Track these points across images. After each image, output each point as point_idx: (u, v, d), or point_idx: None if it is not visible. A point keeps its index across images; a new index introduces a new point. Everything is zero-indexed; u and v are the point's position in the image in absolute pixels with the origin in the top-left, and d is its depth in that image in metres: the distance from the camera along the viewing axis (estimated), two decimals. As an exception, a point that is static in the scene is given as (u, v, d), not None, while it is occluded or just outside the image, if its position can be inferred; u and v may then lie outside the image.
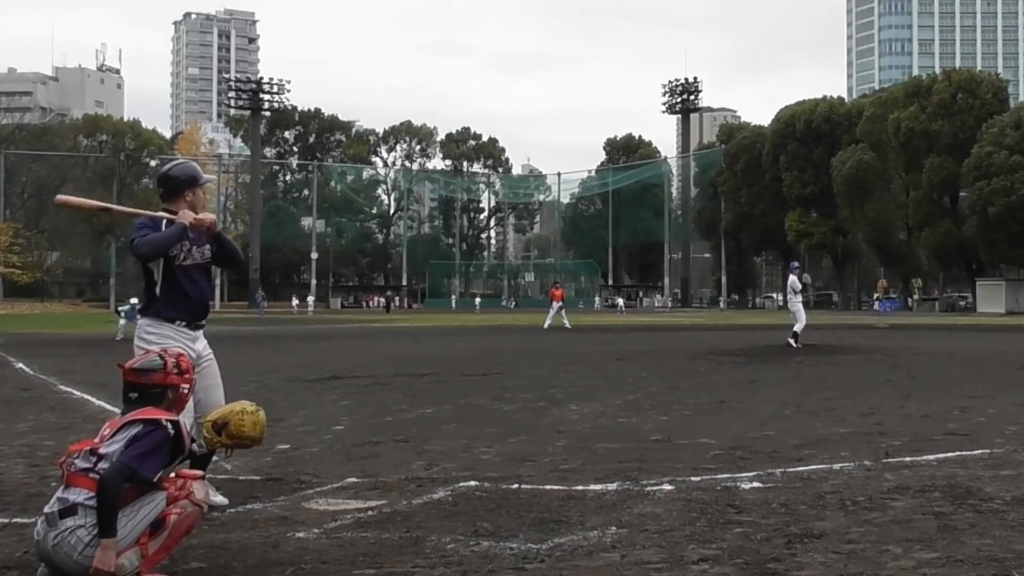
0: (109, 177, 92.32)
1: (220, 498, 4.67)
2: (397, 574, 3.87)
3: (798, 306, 20.28)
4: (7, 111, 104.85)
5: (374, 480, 5.78)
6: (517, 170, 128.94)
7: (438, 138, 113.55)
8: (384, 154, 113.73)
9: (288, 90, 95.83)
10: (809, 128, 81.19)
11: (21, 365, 16.40)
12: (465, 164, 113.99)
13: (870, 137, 74.10)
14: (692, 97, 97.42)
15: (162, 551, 3.71)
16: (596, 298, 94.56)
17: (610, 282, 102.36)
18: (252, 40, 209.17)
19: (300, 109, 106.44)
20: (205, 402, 4.90)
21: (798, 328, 19.60)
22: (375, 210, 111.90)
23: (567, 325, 32.74)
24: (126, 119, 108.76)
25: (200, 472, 4.13)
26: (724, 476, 5.81)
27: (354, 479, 5.83)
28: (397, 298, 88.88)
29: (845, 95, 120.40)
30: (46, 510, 3.70)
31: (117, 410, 4.51)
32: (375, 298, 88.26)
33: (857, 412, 8.93)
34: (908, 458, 6.38)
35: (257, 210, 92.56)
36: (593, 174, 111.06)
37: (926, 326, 36.30)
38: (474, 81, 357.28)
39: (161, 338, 4.87)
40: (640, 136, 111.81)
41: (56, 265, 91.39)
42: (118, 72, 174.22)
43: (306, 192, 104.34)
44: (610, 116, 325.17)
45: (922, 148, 70.41)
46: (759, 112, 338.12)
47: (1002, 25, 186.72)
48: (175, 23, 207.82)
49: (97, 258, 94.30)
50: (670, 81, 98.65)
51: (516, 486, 5.55)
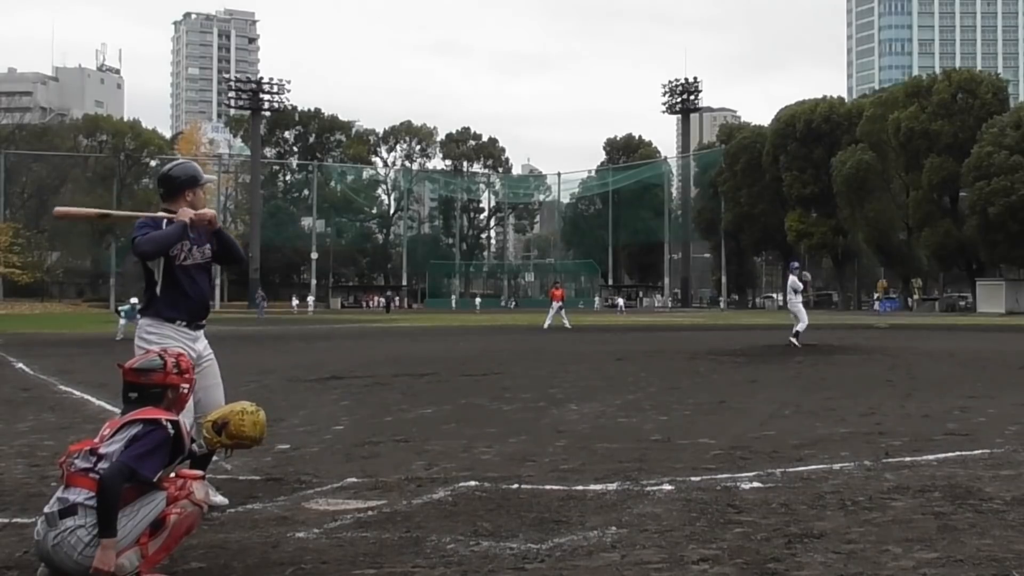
0: (109, 177, 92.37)
1: (220, 498, 4.67)
2: (397, 574, 3.87)
3: (799, 306, 20.27)
4: (7, 111, 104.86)
5: (374, 480, 5.78)
6: (517, 170, 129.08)
7: (438, 138, 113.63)
8: (384, 154, 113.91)
9: (288, 90, 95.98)
10: (809, 128, 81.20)
11: (21, 365, 16.40)
12: (465, 164, 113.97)
13: (870, 137, 74.10)
14: (692, 97, 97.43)
15: (162, 551, 3.71)
16: (596, 298, 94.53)
17: (610, 282, 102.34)
18: (252, 40, 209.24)
19: (300, 109, 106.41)
20: (205, 402, 4.90)
21: (801, 328, 19.61)
22: (375, 210, 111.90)
23: (567, 325, 32.74)
24: (126, 119, 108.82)
25: (200, 472, 4.13)
26: (724, 476, 5.80)
27: (354, 479, 5.83)
28: (397, 298, 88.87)
29: (845, 95, 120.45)
30: (46, 510, 3.70)
31: (117, 410, 4.51)
32: (375, 298, 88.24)
33: (857, 412, 8.93)
34: (908, 458, 6.38)
35: (257, 210, 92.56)
36: (593, 174, 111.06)
37: (926, 326, 36.29)
38: (474, 81, 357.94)
39: (162, 338, 4.87)
40: (640, 136, 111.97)
41: (56, 265, 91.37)
42: (118, 72, 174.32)
43: (306, 192, 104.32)
44: (610, 116, 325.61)
45: (922, 148, 70.42)
46: (759, 112, 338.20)
47: (1002, 25, 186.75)
48: (175, 23, 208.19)
49: (97, 258, 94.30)
50: (670, 81, 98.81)
51: (516, 486, 5.55)
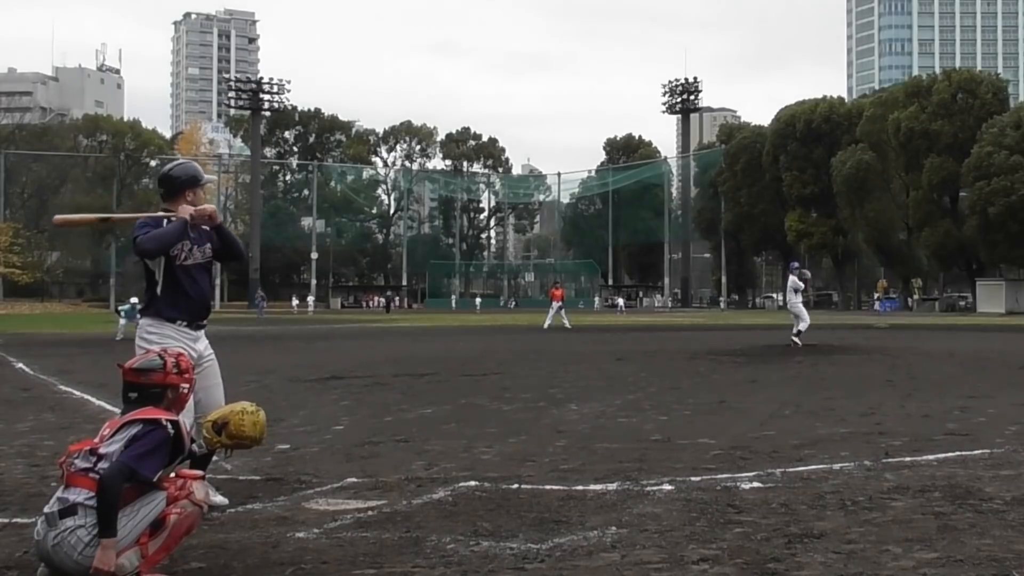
0: (109, 177, 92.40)
1: (220, 498, 4.67)
2: (397, 574, 3.86)
3: (799, 306, 20.25)
4: (7, 111, 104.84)
5: (374, 480, 5.77)
6: (517, 170, 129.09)
7: (438, 138, 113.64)
8: (384, 154, 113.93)
9: (288, 90, 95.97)
10: (809, 128, 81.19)
11: (21, 365, 16.40)
12: (465, 164, 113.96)
13: (870, 137, 74.11)
14: (692, 97, 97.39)
15: (162, 551, 3.71)
16: (596, 298, 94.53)
17: (610, 282, 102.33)
18: (252, 40, 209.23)
19: (300, 109, 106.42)
20: (205, 402, 4.90)
21: (802, 327, 19.60)
22: (375, 210, 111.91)
23: (567, 325, 32.74)
24: (126, 119, 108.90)
25: (200, 472, 4.13)
26: (724, 476, 5.80)
27: (354, 479, 5.82)
28: (397, 298, 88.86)
29: (845, 95, 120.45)
30: (46, 510, 3.69)
31: (117, 410, 4.51)
32: (375, 298, 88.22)
33: (857, 412, 8.93)
34: (908, 458, 6.38)
35: (257, 210, 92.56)
36: (593, 174, 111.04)
37: (926, 326, 36.29)
38: (474, 81, 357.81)
39: (162, 338, 4.87)
40: (640, 136, 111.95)
41: (56, 265, 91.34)
42: (118, 72, 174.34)
43: (306, 192, 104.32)
44: (610, 116, 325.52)
45: (922, 148, 70.42)
46: (759, 112, 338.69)
47: (1002, 25, 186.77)
48: (175, 23, 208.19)
49: (97, 258, 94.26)
50: (670, 81, 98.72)
51: (516, 486, 5.55)
